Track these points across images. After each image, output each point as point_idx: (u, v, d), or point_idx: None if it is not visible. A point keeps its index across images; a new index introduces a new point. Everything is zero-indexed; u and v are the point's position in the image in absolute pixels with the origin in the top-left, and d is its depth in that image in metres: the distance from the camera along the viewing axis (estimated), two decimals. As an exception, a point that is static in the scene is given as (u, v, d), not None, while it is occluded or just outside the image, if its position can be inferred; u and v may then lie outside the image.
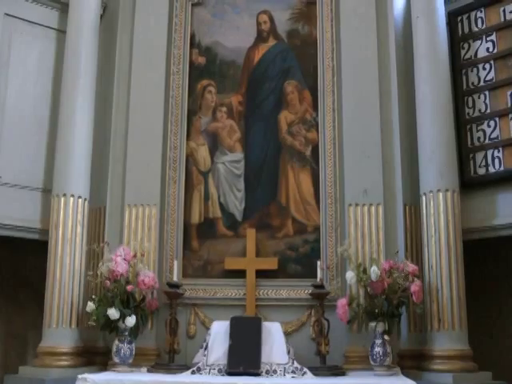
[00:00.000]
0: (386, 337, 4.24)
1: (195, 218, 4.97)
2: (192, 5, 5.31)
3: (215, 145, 5.08)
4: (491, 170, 4.71)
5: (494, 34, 4.85)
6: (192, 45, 5.23)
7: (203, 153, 5.06)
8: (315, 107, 5.00)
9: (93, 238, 4.90)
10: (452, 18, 5.05)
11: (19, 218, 4.83)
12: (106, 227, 4.92)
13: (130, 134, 5.02)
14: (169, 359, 4.53)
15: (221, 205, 4.98)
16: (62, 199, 4.70)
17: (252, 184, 4.98)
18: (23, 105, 5.02)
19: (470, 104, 4.88)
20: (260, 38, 5.21)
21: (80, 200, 4.74)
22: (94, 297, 4.46)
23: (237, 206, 4.96)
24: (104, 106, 5.12)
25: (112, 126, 5.09)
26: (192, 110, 5.12)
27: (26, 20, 5.15)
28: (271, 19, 5.22)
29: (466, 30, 5.00)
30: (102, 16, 5.27)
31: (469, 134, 4.85)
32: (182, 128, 5.04)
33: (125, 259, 4.46)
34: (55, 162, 4.84)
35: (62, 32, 5.20)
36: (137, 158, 4.96)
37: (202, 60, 5.22)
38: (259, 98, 5.10)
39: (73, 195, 4.71)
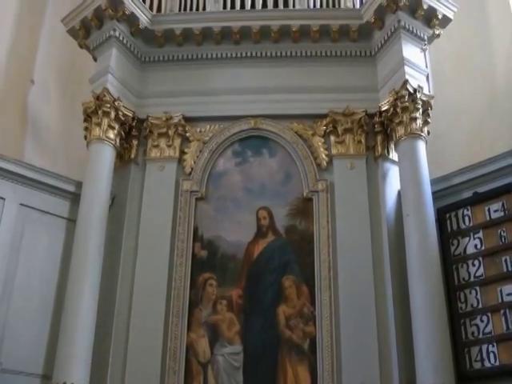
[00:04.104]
0: None
1: (194, 408, 5.09)
2: (196, 199, 5.73)
3: (215, 337, 5.28)
4: (487, 364, 4.89)
5: (481, 231, 5.23)
6: (195, 238, 5.58)
7: (203, 344, 5.26)
8: (313, 301, 5.28)
9: (92, 424, 4.97)
10: (441, 214, 5.46)
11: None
12: (105, 416, 5.01)
13: (131, 325, 5.27)
14: None
15: (219, 396, 5.11)
16: (62, 387, 4.83)
17: (250, 376, 5.13)
18: (30, 291, 5.30)
19: (463, 299, 5.15)
20: (260, 233, 5.59)
21: (80, 388, 4.88)
22: None
23: (235, 397, 5.10)
24: (108, 294, 5.36)
25: (115, 314, 5.33)
26: (193, 302, 5.37)
27: (39, 209, 5.57)
28: (270, 215, 5.63)
29: (455, 226, 5.40)
30: (110, 206, 5.67)
31: (463, 328, 5.07)
32: (183, 319, 5.27)
33: None
34: (57, 349, 5.01)
35: (71, 221, 5.62)
36: (138, 347, 5.17)
37: (204, 253, 5.56)
38: (258, 291, 5.38)
39: (73, 384, 4.86)
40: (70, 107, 7.00)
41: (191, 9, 6.40)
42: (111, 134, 5.76)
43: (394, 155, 5.75)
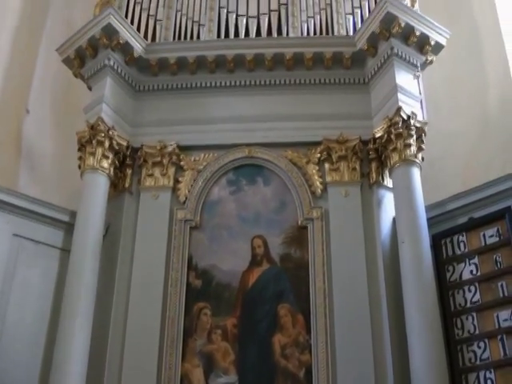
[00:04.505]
0: None
1: None
2: (190, 228, 5.73)
3: (210, 367, 5.24)
4: (485, 391, 4.87)
5: (476, 257, 5.25)
6: (189, 267, 5.57)
7: (198, 374, 5.22)
8: (308, 329, 5.26)
9: None
10: (436, 241, 5.48)
11: None
12: None
13: (125, 354, 5.24)
14: None
15: (215, 423, 5.08)
16: (53, 427, 4.80)
17: (246, 405, 5.11)
18: (23, 321, 5.28)
19: (459, 325, 5.15)
20: (254, 261, 5.58)
21: (72, 426, 4.84)
22: None
23: (231, 427, 5.06)
24: (101, 324, 5.34)
25: (109, 343, 5.31)
26: (188, 331, 5.34)
27: (32, 239, 5.56)
28: (265, 243, 5.63)
29: (450, 252, 5.41)
30: (104, 235, 5.67)
31: (460, 354, 5.06)
32: (177, 349, 5.24)
33: None
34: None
35: (65, 251, 5.61)
36: (132, 378, 5.14)
37: (198, 282, 5.53)
38: (253, 320, 5.36)
39: (65, 420, 4.82)
40: (65, 136, 7.02)
41: (185, 38, 6.49)
42: (105, 164, 5.79)
43: (388, 182, 5.77)
